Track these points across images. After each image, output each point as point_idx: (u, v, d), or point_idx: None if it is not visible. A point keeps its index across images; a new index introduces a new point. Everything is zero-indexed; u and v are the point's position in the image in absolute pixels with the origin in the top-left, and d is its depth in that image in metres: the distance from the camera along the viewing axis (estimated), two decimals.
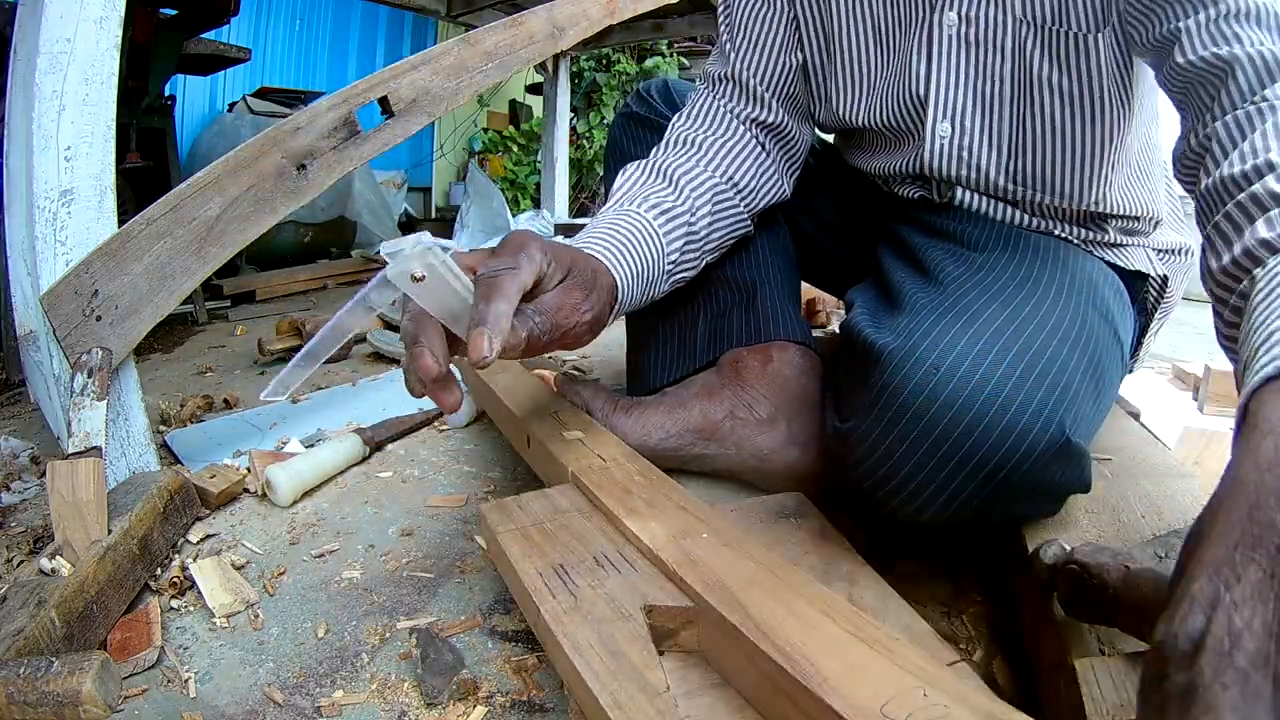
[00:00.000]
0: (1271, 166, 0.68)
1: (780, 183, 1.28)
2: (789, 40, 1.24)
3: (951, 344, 0.84)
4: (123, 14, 1.23)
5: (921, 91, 1.12)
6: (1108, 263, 1.14)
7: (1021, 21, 1.04)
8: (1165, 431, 1.34)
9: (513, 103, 7.07)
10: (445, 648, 0.87)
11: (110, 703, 0.75)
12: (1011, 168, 1.12)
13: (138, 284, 1.23)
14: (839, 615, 0.62)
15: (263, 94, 4.58)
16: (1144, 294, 1.22)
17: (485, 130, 6.90)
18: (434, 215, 6.46)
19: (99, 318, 1.20)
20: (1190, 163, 0.85)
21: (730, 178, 1.20)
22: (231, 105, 4.59)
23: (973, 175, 1.14)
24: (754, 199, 1.23)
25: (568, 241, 0.99)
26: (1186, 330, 1.98)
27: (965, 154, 1.13)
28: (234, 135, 3.99)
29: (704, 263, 1.18)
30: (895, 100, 1.16)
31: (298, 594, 1.04)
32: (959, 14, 1.06)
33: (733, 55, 1.25)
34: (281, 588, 1.05)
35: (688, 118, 1.26)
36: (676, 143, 1.24)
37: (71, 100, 1.18)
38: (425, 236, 0.71)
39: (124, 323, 1.23)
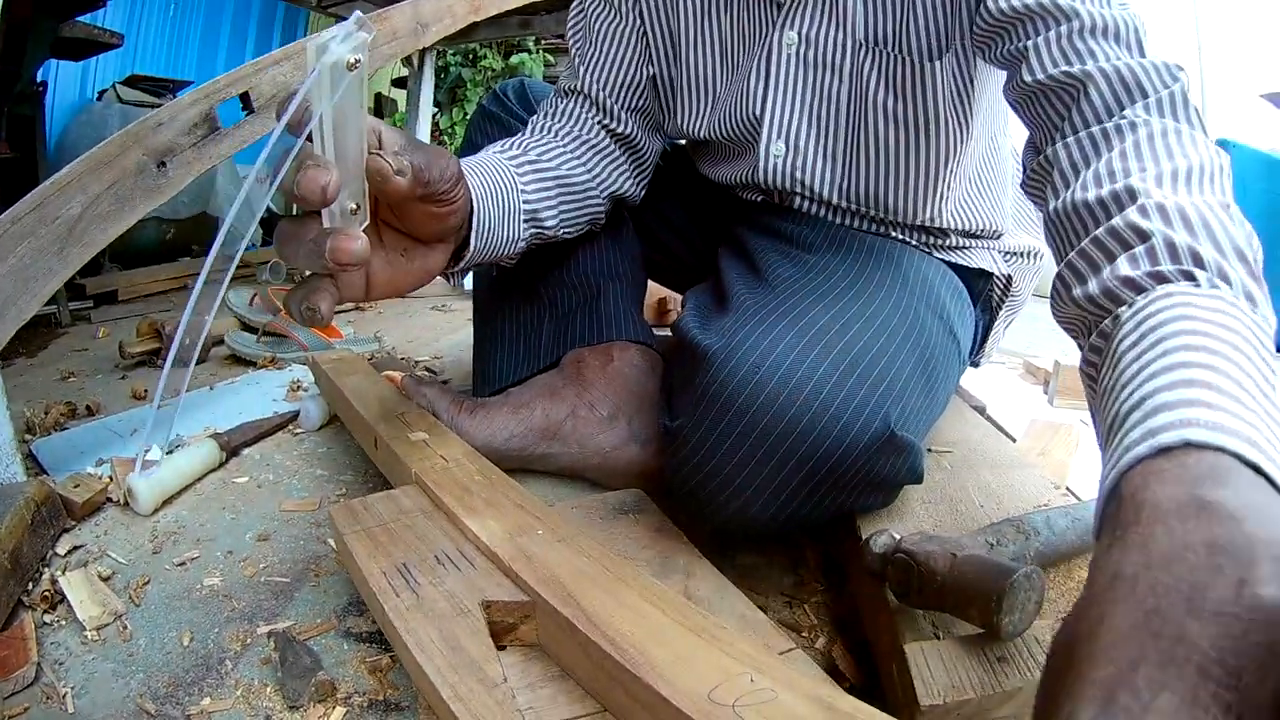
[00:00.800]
0: (1132, 194, 0.67)
1: (630, 184, 1.29)
2: (638, 54, 1.26)
3: (774, 344, 0.87)
4: None
5: (757, 111, 1.14)
6: (948, 263, 1.18)
7: (861, 45, 1.06)
8: (1013, 424, 1.39)
9: (379, 96, 7.00)
10: (303, 651, 0.88)
11: None
12: (845, 187, 1.16)
13: (3, 285, 1.20)
14: (669, 606, 0.64)
15: (133, 82, 4.43)
16: (987, 291, 1.27)
17: None
18: (298, 211, 6.37)
19: None
20: (1037, 179, 0.84)
21: (585, 164, 1.21)
22: (101, 93, 4.45)
23: (807, 192, 1.18)
24: (605, 186, 1.24)
25: None
26: (1039, 326, 2.05)
27: (799, 173, 1.16)
28: (102, 125, 3.87)
29: (561, 221, 1.17)
30: (734, 117, 1.18)
31: (162, 603, 1.03)
32: (799, 33, 1.09)
33: (582, 69, 1.27)
34: (146, 597, 1.05)
35: (544, 116, 1.28)
36: (534, 131, 1.25)
37: None
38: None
39: None
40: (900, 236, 1.18)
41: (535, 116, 1.28)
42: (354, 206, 0.77)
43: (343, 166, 0.72)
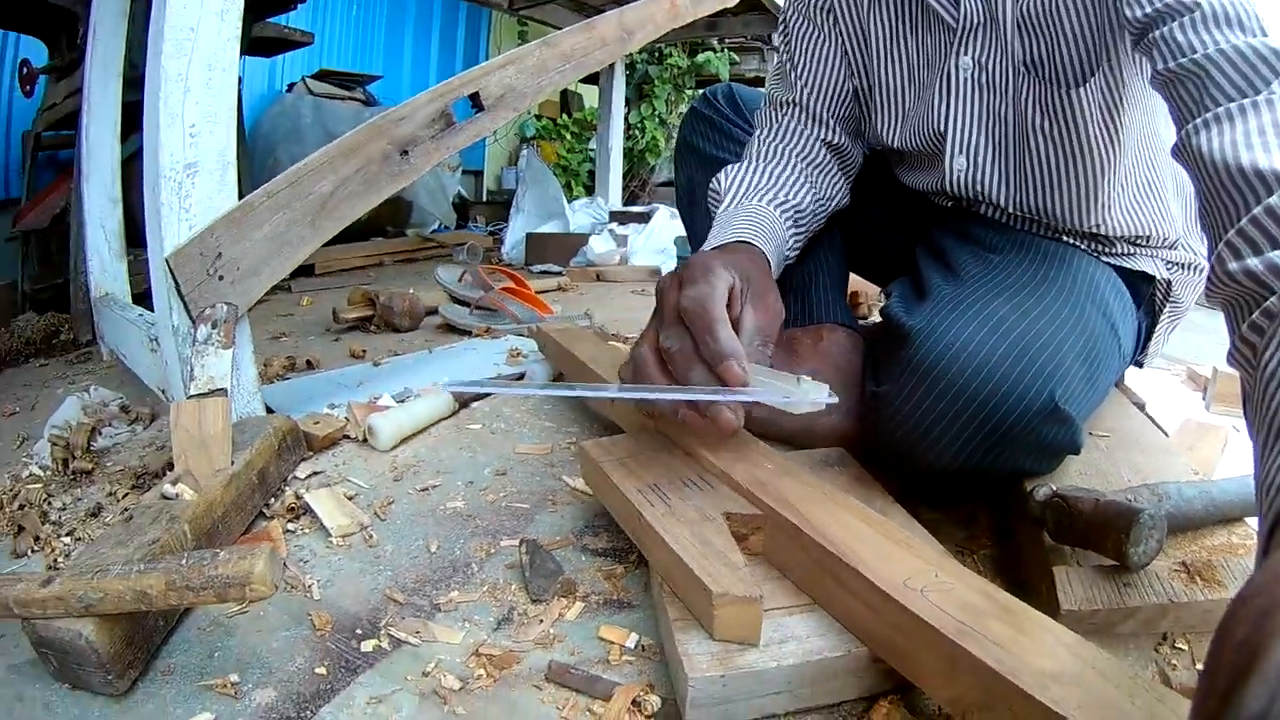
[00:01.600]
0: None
1: (845, 194, 1.45)
2: (843, 67, 1.39)
3: (964, 327, 1.04)
4: (242, 7, 1.36)
5: (941, 128, 1.27)
6: (1114, 266, 1.30)
7: (1019, 70, 1.18)
8: (1169, 423, 1.47)
9: (565, 91, 7.19)
10: (548, 557, 1.05)
11: (276, 583, 0.83)
12: (1018, 199, 1.28)
13: (258, 249, 1.37)
14: (873, 522, 0.82)
15: (322, 76, 4.72)
16: (1150, 294, 1.37)
17: (538, 117, 7.02)
18: (485, 199, 6.60)
19: (221, 277, 1.33)
20: (1182, 158, 0.88)
21: (816, 187, 1.36)
22: (290, 86, 4.73)
23: (987, 202, 1.32)
24: (831, 205, 1.41)
25: (720, 242, 1.17)
26: (1205, 336, 2.09)
27: (979, 186, 1.30)
28: (295, 115, 4.15)
29: (796, 244, 1.34)
30: (921, 132, 1.31)
31: (407, 519, 1.19)
32: (973, 59, 1.21)
33: (798, 84, 1.41)
34: (391, 514, 1.21)
35: (772, 133, 1.42)
36: (767, 154, 1.40)
37: (197, 83, 1.30)
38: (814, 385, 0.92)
39: (244, 282, 1.36)
40: (1071, 241, 1.30)
41: (763, 133, 1.43)
42: None
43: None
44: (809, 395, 0.89)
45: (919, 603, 0.69)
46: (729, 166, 1.36)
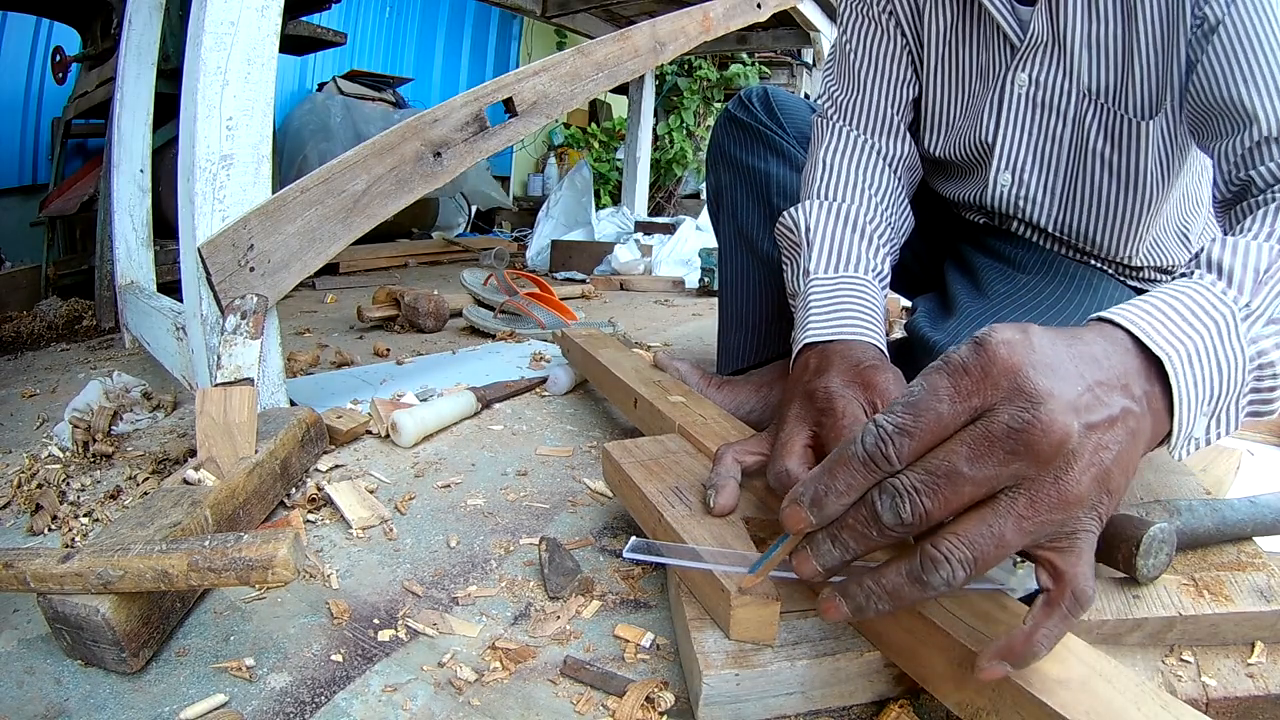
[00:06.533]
0: None
1: (912, 218, 1.36)
2: (907, 72, 1.35)
3: None
4: (282, 4, 1.37)
5: (989, 140, 1.26)
6: (1138, 291, 1.29)
7: (1084, 95, 1.16)
8: None
9: (593, 100, 7.22)
10: (567, 555, 1.05)
11: (299, 567, 0.83)
12: (1059, 220, 1.28)
13: (290, 243, 1.37)
14: None
15: (352, 76, 4.76)
16: None
17: (566, 126, 7.06)
18: (511, 204, 6.65)
19: (252, 269, 1.33)
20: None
21: (889, 221, 1.27)
22: (321, 85, 4.78)
23: (1025, 220, 1.31)
24: (902, 237, 1.32)
25: (836, 335, 1.04)
26: None
27: (1021, 202, 1.29)
28: (325, 114, 4.17)
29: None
30: (968, 144, 1.30)
31: (427, 514, 1.20)
32: (1029, 76, 1.19)
33: (865, 80, 1.35)
34: (412, 509, 1.21)
35: (837, 152, 1.32)
36: (836, 177, 1.30)
37: (235, 76, 1.31)
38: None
39: (275, 275, 1.36)
40: (1099, 266, 1.30)
41: (824, 150, 1.33)
42: None
43: None
44: (1025, 583, 0.84)
45: (931, 607, 0.69)
46: (807, 205, 1.25)
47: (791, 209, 1.25)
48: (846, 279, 1.13)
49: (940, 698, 0.70)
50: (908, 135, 1.36)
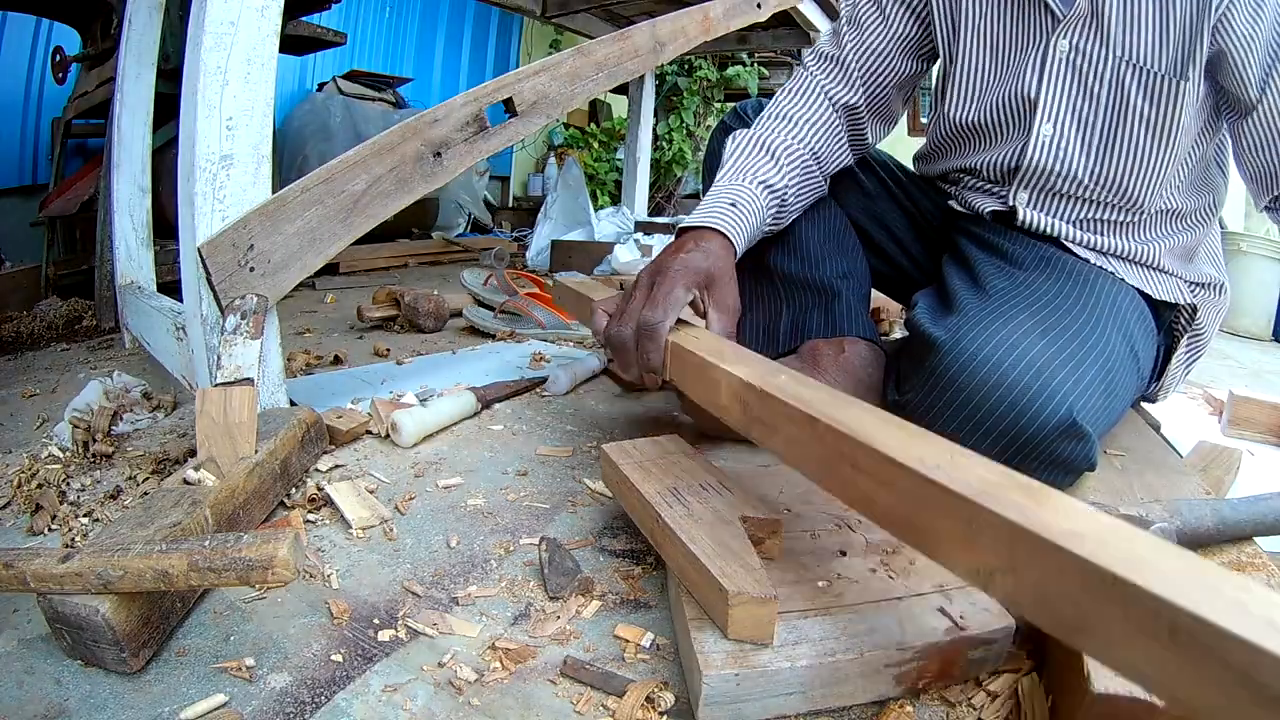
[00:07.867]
0: None
1: (847, 154, 1.53)
2: (904, 45, 1.47)
3: (987, 340, 1.07)
4: (283, 4, 1.37)
5: (1033, 94, 1.31)
6: (1141, 291, 1.32)
7: (1122, 60, 1.22)
8: (1184, 445, 1.49)
9: (593, 100, 7.20)
10: (567, 555, 1.05)
11: (299, 567, 0.84)
12: (1096, 171, 1.31)
13: (290, 243, 1.36)
14: (887, 419, 0.76)
15: (352, 76, 4.74)
16: (1172, 321, 1.39)
17: (566, 126, 7.04)
18: (511, 204, 6.63)
19: (252, 269, 1.32)
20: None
21: (813, 150, 1.42)
22: (321, 85, 4.75)
23: (1062, 172, 1.33)
24: (828, 165, 1.47)
25: (701, 221, 1.27)
26: (1228, 363, 2.09)
27: (1061, 154, 1.32)
28: (325, 113, 4.15)
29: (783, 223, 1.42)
30: (1010, 100, 1.34)
31: (427, 514, 1.20)
32: (1070, 42, 1.26)
33: (847, 40, 1.49)
34: (411, 509, 1.21)
35: (786, 93, 1.50)
36: (775, 117, 1.47)
37: (235, 76, 1.31)
38: None
39: (275, 275, 1.36)
40: (1099, 264, 1.32)
41: (779, 94, 1.52)
42: None
43: None
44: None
45: (936, 473, 0.65)
46: (738, 131, 1.46)
47: (729, 136, 1.47)
48: (734, 186, 1.33)
49: (950, 567, 0.67)
50: (870, 97, 1.50)
